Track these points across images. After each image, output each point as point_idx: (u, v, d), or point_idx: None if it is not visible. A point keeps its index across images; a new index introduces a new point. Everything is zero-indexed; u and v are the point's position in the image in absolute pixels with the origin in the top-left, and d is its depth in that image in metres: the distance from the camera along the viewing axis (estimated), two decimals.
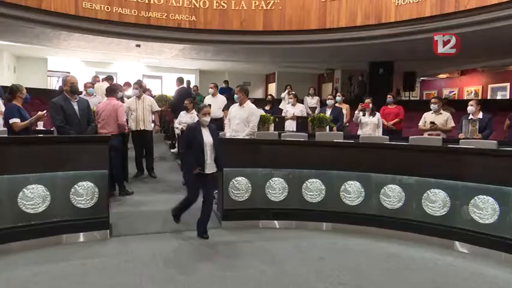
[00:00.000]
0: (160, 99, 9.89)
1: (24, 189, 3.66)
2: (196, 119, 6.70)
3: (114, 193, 5.45)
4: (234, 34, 9.32)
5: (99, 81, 8.88)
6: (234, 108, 5.55)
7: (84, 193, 3.92)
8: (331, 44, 9.12)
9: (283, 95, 10.19)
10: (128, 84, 8.83)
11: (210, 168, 4.06)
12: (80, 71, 13.14)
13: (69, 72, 12.25)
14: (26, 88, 4.82)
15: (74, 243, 3.86)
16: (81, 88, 6.26)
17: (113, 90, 5.80)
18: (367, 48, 9.36)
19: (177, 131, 7.17)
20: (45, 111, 4.82)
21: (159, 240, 4.05)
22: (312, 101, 9.46)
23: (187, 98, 7.44)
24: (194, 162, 3.98)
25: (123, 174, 5.80)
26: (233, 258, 3.65)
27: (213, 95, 7.74)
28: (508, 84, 12.94)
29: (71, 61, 13.75)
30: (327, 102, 7.60)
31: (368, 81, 11.97)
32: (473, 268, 3.55)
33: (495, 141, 5.18)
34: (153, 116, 6.74)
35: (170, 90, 11.66)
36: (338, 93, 8.74)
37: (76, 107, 4.71)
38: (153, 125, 6.79)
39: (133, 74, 13.67)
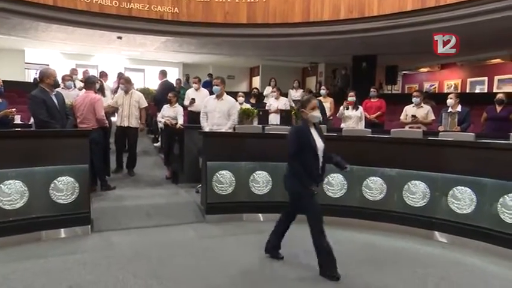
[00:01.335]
0: (143, 93, 9.72)
1: (1, 185, 3.55)
2: (179, 112, 6.66)
3: (95, 188, 5.36)
4: (218, 27, 9.21)
5: (76, 74, 8.64)
6: (212, 101, 5.46)
7: (64, 188, 3.85)
8: (315, 37, 9.14)
9: (267, 89, 10.17)
10: (104, 75, 8.58)
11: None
12: (59, 63, 12.80)
13: (48, 65, 11.91)
14: (2, 81, 4.70)
15: (54, 239, 3.79)
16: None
17: (91, 82, 5.65)
18: (350, 42, 9.42)
19: (160, 125, 7.05)
20: (14, 109, 4.74)
21: (141, 235, 4.01)
22: (296, 94, 9.49)
23: (171, 91, 7.35)
24: (309, 178, 3.15)
25: (104, 168, 5.70)
26: (218, 252, 3.65)
27: (197, 89, 7.66)
28: (486, 78, 13.23)
29: (49, 53, 13.35)
30: None
31: (351, 75, 12.08)
32: (452, 257, 3.65)
33: (473, 134, 5.31)
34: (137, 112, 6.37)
35: (153, 83, 11.49)
36: (322, 87, 8.79)
37: (55, 101, 4.62)
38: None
39: (114, 66, 13.39)
